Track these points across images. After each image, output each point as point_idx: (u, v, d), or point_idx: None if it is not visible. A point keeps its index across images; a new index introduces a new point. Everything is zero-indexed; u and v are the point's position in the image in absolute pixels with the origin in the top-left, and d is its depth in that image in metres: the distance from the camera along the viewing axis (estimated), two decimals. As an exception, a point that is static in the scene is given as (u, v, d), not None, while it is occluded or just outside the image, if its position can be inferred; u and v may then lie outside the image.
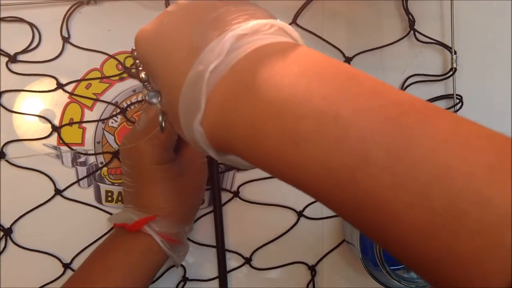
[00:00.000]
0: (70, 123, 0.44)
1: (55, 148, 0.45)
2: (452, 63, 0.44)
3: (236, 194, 0.45)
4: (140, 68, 0.27)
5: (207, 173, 0.42)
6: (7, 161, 0.44)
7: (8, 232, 0.45)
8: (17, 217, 0.44)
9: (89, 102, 0.44)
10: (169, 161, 0.38)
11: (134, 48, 0.28)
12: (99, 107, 0.44)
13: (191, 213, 0.42)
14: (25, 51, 0.44)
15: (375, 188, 0.17)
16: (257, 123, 0.20)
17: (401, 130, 0.17)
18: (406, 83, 0.44)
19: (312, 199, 0.31)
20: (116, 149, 0.44)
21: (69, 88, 0.44)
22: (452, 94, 0.44)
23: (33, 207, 0.45)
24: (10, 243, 0.45)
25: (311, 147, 0.18)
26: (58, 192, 0.44)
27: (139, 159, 0.37)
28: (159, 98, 0.26)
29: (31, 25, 0.44)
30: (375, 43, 0.44)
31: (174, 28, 0.24)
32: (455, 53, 0.44)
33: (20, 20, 0.44)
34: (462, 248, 0.15)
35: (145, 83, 0.27)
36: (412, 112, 0.17)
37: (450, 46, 0.44)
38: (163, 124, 0.26)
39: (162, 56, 0.24)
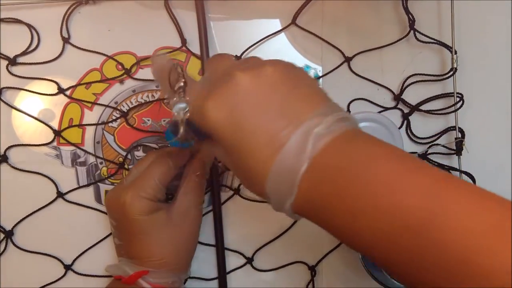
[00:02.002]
0: (72, 126, 0.44)
1: (54, 148, 0.45)
2: (452, 63, 0.44)
3: (236, 191, 0.45)
4: (181, 76, 0.29)
5: (201, 219, 0.42)
6: (9, 164, 0.44)
7: (9, 234, 0.45)
8: (18, 220, 0.45)
9: (88, 102, 0.44)
10: (157, 210, 0.38)
11: (178, 64, 0.31)
12: (99, 107, 0.44)
13: (186, 261, 0.41)
14: (24, 53, 0.44)
15: (412, 246, 0.22)
16: (330, 206, 0.25)
17: (435, 203, 0.22)
18: (406, 83, 0.44)
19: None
20: (120, 161, 0.45)
21: (69, 89, 0.44)
22: (452, 93, 0.44)
23: (35, 210, 0.45)
24: (11, 245, 0.45)
25: (368, 218, 0.23)
26: (60, 195, 0.44)
27: (126, 211, 0.37)
28: (186, 110, 0.29)
29: (29, 26, 0.44)
30: (375, 43, 0.44)
31: (249, 112, 0.27)
32: (456, 52, 0.44)
33: (18, 21, 0.44)
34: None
35: (180, 91, 0.29)
36: (444, 187, 0.22)
37: (450, 46, 0.44)
38: (182, 131, 0.29)
39: (239, 137, 0.27)
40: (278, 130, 0.26)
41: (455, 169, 0.44)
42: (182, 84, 0.29)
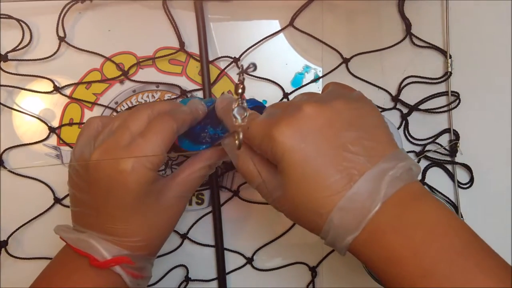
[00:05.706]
0: (70, 124, 0.44)
1: (55, 148, 0.44)
2: (447, 67, 0.44)
3: (236, 193, 0.45)
4: (239, 83, 0.29)
5: (186, 207, 0.38)
6: (6, 169, 0.44)
7: (3, 244, 0.44)
8: (15, 226, 0.45)
9: (88, 102, 0.44)
10: (155, 181, 0.33)
11: (242, 74, 0.31)
12: (99, 107, 0.44)
13: (159, 248, 0.37)
14: (15, 49, 0.44)
15: None
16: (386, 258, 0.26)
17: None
18: (403, 85, 0.45)
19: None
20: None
21: (69, 88, 0.44)
22: (453, 92, 0.44)
23: (32, 218, 0.45)
24: (6, 255, 0.45)
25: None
26: (57, 200, 0.44)
27: (123, 180, 0.31)
28: (246, 114, 0.29)
29: (27, 25, 0.44)
30: (376, 43, 0.44)
31: (321, 144, 0.28)
32: (450, 57, 0.44)
33: (16, 19, 0.44)
34: None
35: (240, 96, 0.29)
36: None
37: (446, 49, 0.44)
38: (240, 142, 0.30)
39: (308, 166, 0.27)
40: (349, 166, 0.27)
41: (452, 162, 0.45)
42: (240, 90, 0.29)
